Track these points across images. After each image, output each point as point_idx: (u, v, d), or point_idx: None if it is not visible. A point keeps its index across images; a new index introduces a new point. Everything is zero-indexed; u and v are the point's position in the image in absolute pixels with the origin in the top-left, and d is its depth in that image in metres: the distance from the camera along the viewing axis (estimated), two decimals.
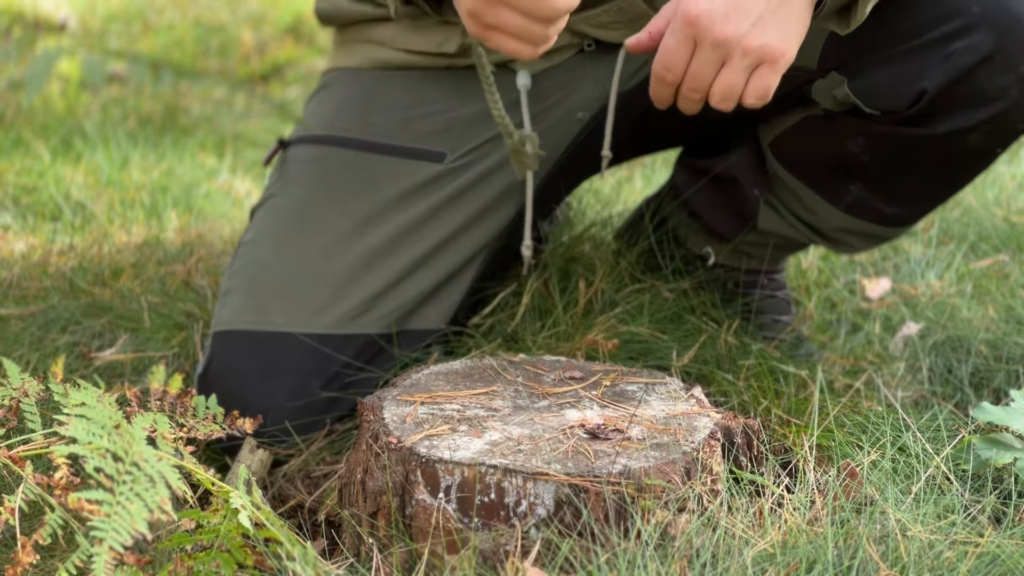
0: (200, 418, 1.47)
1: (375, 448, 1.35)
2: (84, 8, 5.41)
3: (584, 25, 1.72)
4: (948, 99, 1.58)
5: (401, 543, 1.32)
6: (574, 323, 1.78)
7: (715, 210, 1.90)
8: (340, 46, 1.87)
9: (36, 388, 1.37)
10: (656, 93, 1.48)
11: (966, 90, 1.57)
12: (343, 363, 1.67)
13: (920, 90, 1.58)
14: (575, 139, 1.79)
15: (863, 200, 1.76)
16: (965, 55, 1.55)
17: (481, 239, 1.77)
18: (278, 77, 4.86)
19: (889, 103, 1.61)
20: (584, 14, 1.71)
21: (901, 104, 1.60)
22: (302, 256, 1.71)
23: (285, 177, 1.79)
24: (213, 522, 1.27)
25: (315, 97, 1.88)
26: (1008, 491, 1.39)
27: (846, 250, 1.89)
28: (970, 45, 1.54)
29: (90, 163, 3.11)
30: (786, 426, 1.58)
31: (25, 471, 1.21)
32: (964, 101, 1.58)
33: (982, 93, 1.57)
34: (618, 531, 1.27)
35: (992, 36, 1.54)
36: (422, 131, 1.75)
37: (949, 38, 1.55)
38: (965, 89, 1.57)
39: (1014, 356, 1.82)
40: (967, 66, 1.55)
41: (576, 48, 1.76)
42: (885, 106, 1.62)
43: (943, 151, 1.64)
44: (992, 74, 1.55)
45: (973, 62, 1.55)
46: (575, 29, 1.73)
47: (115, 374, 1.86)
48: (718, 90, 1.43)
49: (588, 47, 1.76)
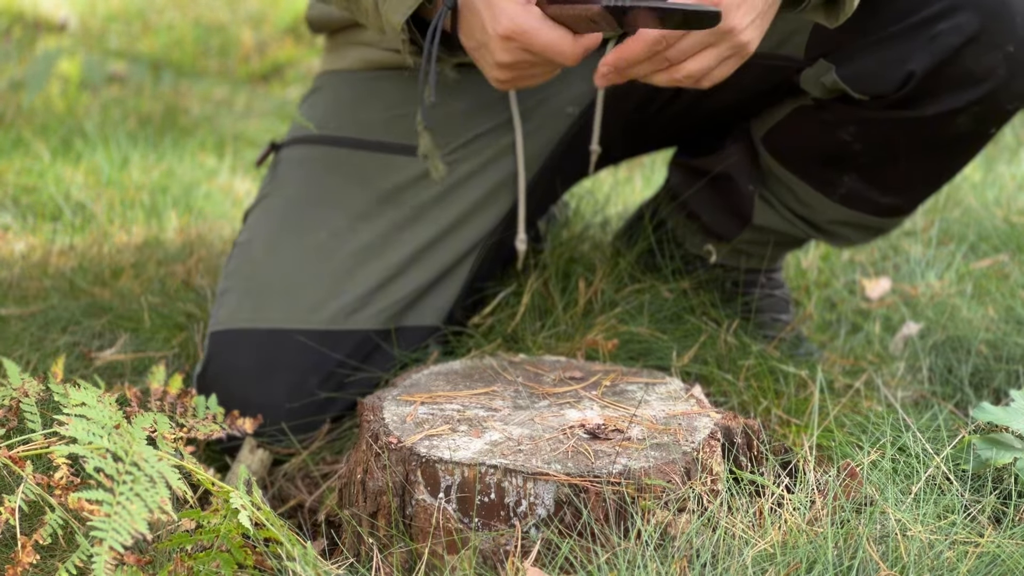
0: (200, 418, 1.47)
1: (375, 448, 1.35)
2: (84, 8, 5.41)
3: None
4: (936, 81, 1.59)
5: (401, 543, 1.32)
6: (574, 323, 1.78)
7: (712, 210, 1.91)
8: (331, 50, 1.89)
9: (36, 388, 1.37)
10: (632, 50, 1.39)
11: (954, 71, 1.57)
12: (340, 359, 1.67)
13: (908, 73, 1.58)
14: (566, 134, 1.80)
15: (857, 191, 1.76)
16: (951, 36, 1.55)
17: (475, 235, 1.78)
18: (278, 77, 4.86)
19: (877, 87, 1.62)
20: None
21: (889, 88, 1.61)
22: (296, 254, 1.71)
23: (278, 178, 1.80)
24: (213, 522, 1.27)
25: (307, 100, 1.89)
26: (1008, 491, 1.39)
27: (843, 243, 1.89)
28: (955, 26, 1.55)
29: (90, 163, 3.11)
30: (786, 426, 1.59)
31: (25, 471, 1.21)
32: (952, 82, 1.58)
33: (970, 73, 1.57)
34: (618, 531, 1.27)
35: (977, 16, 1.55)
36: (412, 128, 1.75)
37: (934, 19, 1.56)
38: (952, 70, 1.57)
39: (1014, 356, 1.82)
40: (953, 47, 1.56)
41: None
42: (873, 90, 1.62)
43: (934, 134, 1.65)
44: (979, 54, 1.56)
45: (959, 42, 1.55)
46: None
47: (115, 374, 1.86)
48: (693, 69, 1.39)
49: None
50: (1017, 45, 1.56)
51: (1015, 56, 1.56)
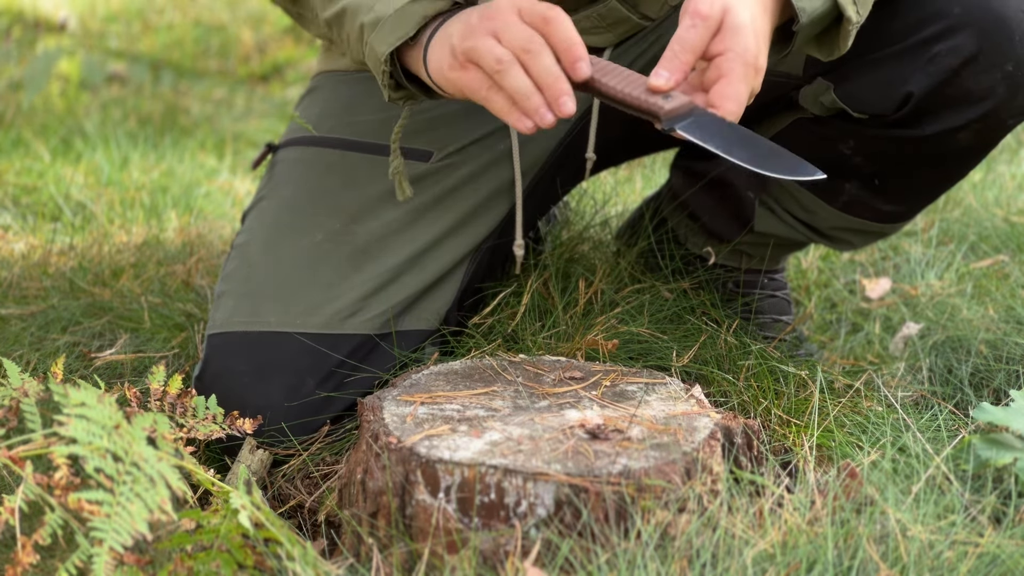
0: (200, 418, 1.47)
1: (375, 448, 1.35)
2: (84, 8, 5.41)
3: None
4: (935, 101, 1.58)
5: (401, 543, 1.32)
6: (574, 323, 1.78)
7: (713, 212, 1.91)
8: (327, 50, 1.89)
9: (36, 388, 1.37)
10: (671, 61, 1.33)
11: (953, 91, 1.57)
12: (338, 361, 1.67)
13: (906, 93, 1.58)
14: (564, 138, 1.80)
15: (859, 198, 1.76)
16: (949, 57, 1.55)
17: (473, 239, 1.77)
18: (278, 77, 4.86)
19: (876, 107, 1.61)
20: None
21: (888, 108, 1.60)
22: (293, 256, 1.71)
23: (274, 180, 1.80)
24: (213, 522, 1.27)
25: (303, 101, 1.89)
26: (1008, 491, 1.39)
27: (845, 248, 1.89)
28: (953, 47, 1.54)
29: (90, 163, 3.12)
30: (786, 426, 1.58)
31: (25, 471, 1.21)
32: (951, 102, 1.58)
33: (969, 93, 1.57)
34: (618, 531, 1.27)
35: (974, 36, 1.54)
36: (406, 130, 1.75)
37: (932, 40, 1.55)
38: (951, 91, 1.57)
39: (1014, 356, 1.82)
40: (951, 68, 1.55)
41: None
42: (872, 110, 1.62)
43: (935, 151, 1.64)
44: (977, 74, 1.55)
45: (957, 63, 1.55)
46: None
47: (115, 374, 1.86)
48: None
49: None
50: (1016, 64, 1.55)
51: (1014, 75, 1.56)
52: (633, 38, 1.76)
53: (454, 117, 1.76)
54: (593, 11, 1.70)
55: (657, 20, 1.74)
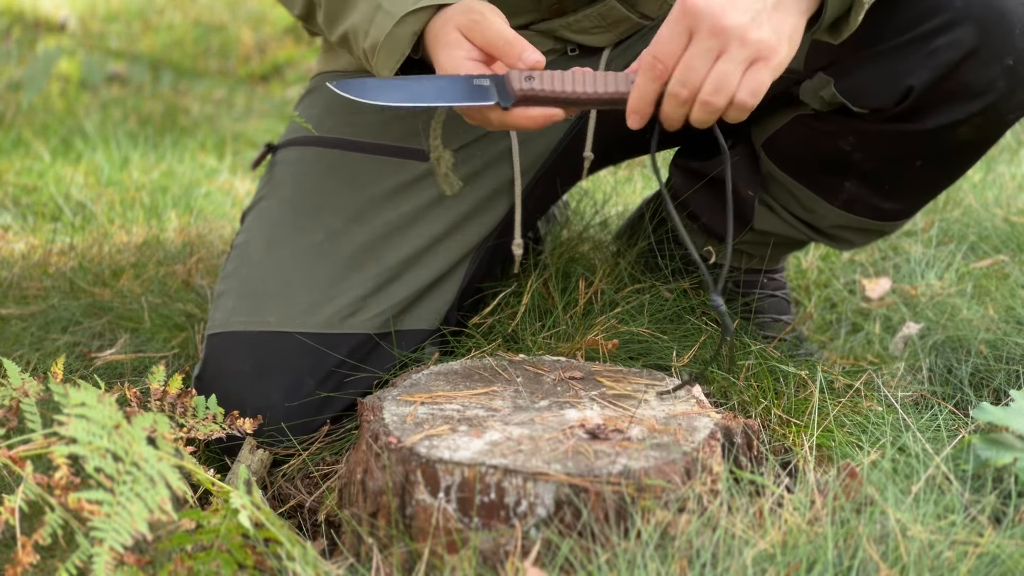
0: (200, 418, 1.47)
1: (375, 448, 1.35)
2: (84, 8, 5.42)
3: (565, 31, 1.74)
4: (935, 95, 1.58)
5: (401, 543, 1.32)
6: (574, 323, 1.78)
7: (713, 212, 1.91)
8: (327, 51, 1.89)
9: (36, 388, 1.37)
10: (641, 90, 1.40)
11: (953, 85, 1.57)
12: (337, 361, 1.67)
13: (907, 87, 1.58)
14: (563, 139, 1.80)
15: (859, 196, 1.76)
16: (949, 51, 1.55)
17: (472, 239, 1.78)
18: (278, 77, 4.86)
19: (876, 101, 1.61)
20: (564, 20, 1.72)
21: (888, 102, 1.60)
22: (292, 256, 1.71)
23: (274, 180, 1.80)
24: (213, 522, 1.27)
25: (303, 101, 1.89)
26: (1008, 491, 1.39)
27: (845, 246, 1.89)
28: (954, 40, 1.55)
29: (90, 163, 3.12)
30: (786, 426, 1.58)
31: (25, 471, 1.21)
32: (952, 96, 1.58)
33: (969, 87, 1.57)
34: (618, 531, 1.27)
35: (975, 30, 1.54)
36: (406, 130, 1.75)
37: (932, 34, 1.56)
38: (952, 84, 1.57)
39: (1014, 356, 1.82)
40: (952, 61, 1.55)
41: (559, 52, 1.77)
42: (873, 104, 1.62)
43: (935, 145, 1.64)
44: (978, 68, 1.55)
45: (958, 57, 1.55)
46: (557, 35, 1.75)
47: (115, 374, 1.87)
48: (712, 79, 1.36)
49: (572, 51, 1.77)
50: (1016, 58, 1.55)
51: (1014, 69, 1.56)
52: (633, 37, 1.76)
53: (456, 118, 1.76)
54: (593, 11, 1.71)
55: (657, 19, 1.74)
